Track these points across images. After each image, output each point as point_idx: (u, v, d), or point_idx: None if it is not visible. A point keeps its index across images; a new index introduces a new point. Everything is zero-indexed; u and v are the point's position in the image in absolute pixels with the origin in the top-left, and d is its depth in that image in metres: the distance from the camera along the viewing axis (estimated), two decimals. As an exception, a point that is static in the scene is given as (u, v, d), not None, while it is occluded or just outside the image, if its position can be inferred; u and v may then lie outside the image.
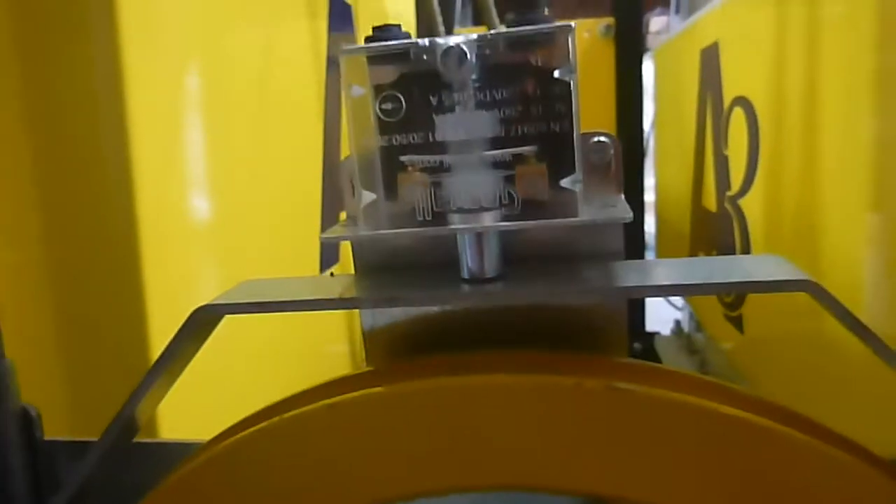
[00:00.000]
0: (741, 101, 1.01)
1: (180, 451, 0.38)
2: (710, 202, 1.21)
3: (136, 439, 0.37)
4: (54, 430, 0.45)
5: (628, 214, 0.29)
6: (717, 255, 1.20)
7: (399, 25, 0.30)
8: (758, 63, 0.96)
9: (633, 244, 2.03)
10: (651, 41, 2.36)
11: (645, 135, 1.95)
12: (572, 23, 0.27)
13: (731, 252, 1.09)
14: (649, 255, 2.17)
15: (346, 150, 1.15)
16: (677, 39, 1.51)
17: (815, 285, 0.28)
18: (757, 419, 0.28)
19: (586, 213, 0.29)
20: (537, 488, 0.30)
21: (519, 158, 0.29)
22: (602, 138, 0.32)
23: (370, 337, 0.35)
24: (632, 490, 0.29)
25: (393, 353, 0.35)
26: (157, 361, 0.33)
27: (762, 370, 1.01)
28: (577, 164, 0.29)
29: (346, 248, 1.17)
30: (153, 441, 0.48)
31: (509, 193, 0.30)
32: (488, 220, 0.29)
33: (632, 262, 0.33)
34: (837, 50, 0.72)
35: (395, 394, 0.30)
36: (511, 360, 0.31)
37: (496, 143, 0.29)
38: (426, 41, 0.28)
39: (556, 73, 0.28)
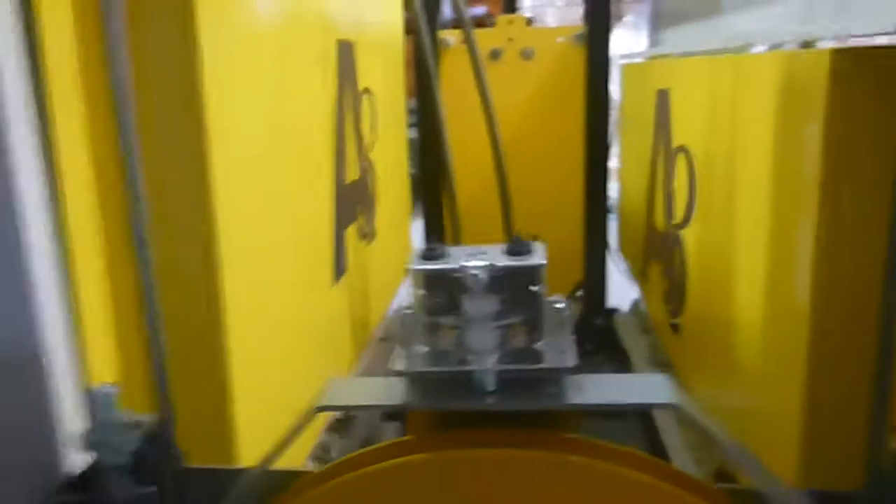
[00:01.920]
0: (683, 149, 1.22)
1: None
2: (660, 222, 1.43)
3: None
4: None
5: (573, 363, 0.50)
6: (664, 268, 1.43)
7: (438, 248, 0.50)
8: (696, 118, 1.16)
9: (597, 207, 2.24)
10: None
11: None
12: (544, 262, 0.48)
13: (676, 268, 1.32)
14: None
15: (351, 171, 1.35)
16: (639, 69, 1.70)
17: (681, 408, 0.49)
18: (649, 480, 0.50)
19: (548, 361, 0.50)
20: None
21: (511, 326, 0.50)
22: (558, 305, 0.53)
23: (412, 415, 0.56)
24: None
25: (428, 426, 0.56)
26: (280, 445, 0.54)
27: (689, 364, 1.25)
28: (541, 332, 0.50)
29: (351, 259, 1.38)
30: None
31: (503, 344, 0.51)
32: (490, 362, 0.50)
33: (576, 377, 0.53)
34: (751, 116, 0.91)
35: (432, 460, 0.52)
36: (508, 437, 0.52)
37: (498, 316, 0.50)
38: (460, 269, 0.49)
39: (533, 287, 0.49)
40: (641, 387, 0.51)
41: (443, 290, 0.49)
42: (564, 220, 2.34)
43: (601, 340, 2.34)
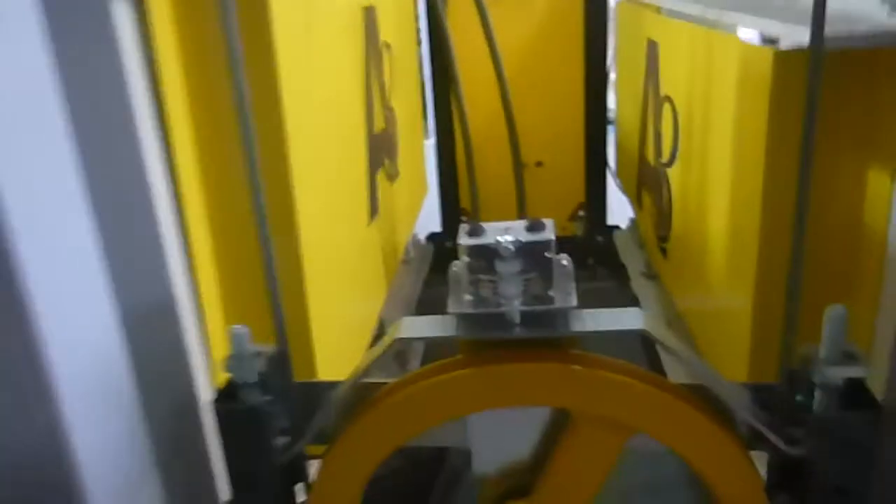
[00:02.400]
0: (669, 99, 1.40)
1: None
2: (650, 157, 1.62)
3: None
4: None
5: (575, 303, 0.72)
6: (655, 198, 1.63)
7: (477, 227, 0.71)
8: (679, 73, 1.34)
9: (597, 133, 2.43)
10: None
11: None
12: (553, 237, 0.69)
13: (664, 201, 1.52)
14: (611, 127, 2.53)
15: (378, 120, 1.54)
16: (632, 12, 1.85)
17: (648, 332, 0.71)
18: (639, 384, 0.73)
19: (557, 302, 0.72)
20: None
21: (530, 279, 0.72)
22: (564, 262, 0.74)
23: (462, 345, 0.79)
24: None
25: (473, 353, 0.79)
26: (368, 364, 0.76)
27: (673, 282, 1.47)
28: (551, 282, 0.71)
29: (381, 200, 1.59)
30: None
31: (525, 292, 0.72)
32: (516, 304, 0.72)
33: (578, 312, 0.75)
34: (719, 82, 1.10)
35: (480, 372, 0.75)
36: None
37: (521, 273, 0.72)
38: (495, 243, 0.70)
39: (546, 254, 0.70)
40: (622, 318, 0.74)
41: (482, 257, 0.71)
42: (567, 147, 2.53)
43: (602, 256, 2.57)
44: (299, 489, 0.90)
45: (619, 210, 2.55)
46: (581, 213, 2.63)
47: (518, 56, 2.39)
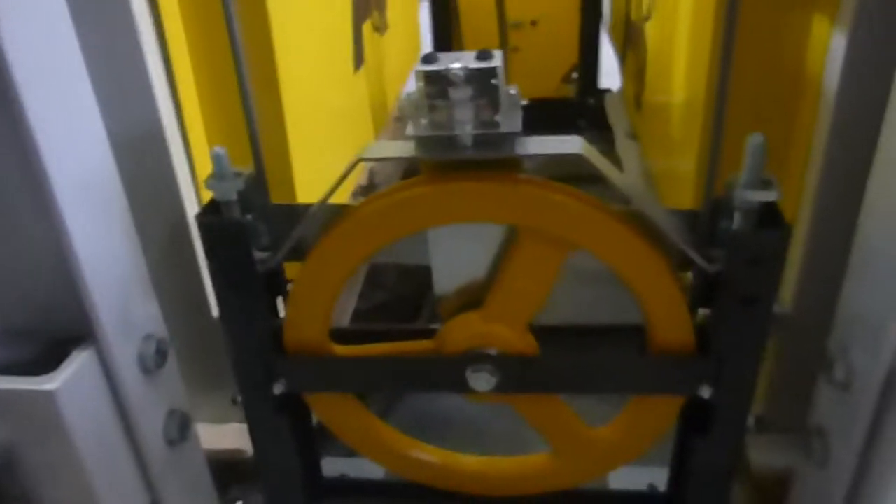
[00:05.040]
0: (651, -50, 1.42)
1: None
2: (634, 14, 1.65)
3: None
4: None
5: (519, 128, 0.79)
6: (635, 53, 1.67)
7: (434, 55, 0.78)
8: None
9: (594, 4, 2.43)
10: None
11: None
12: (500, 64, 0.76)
13: (640, 54, 1.56)
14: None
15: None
16: None
17: (584, 156, 0.79)
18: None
19: (503, 127, 0.80)
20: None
21: (480, 105, 0.79)
22: (512, 91, 0.81)
23: (423, 166, 0.87)
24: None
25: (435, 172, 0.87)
26: (330, 190, 0.85)
27: (645, 132, 1.54)
28: (498, 109, 0.78)
29: (367, 51, 1.63)
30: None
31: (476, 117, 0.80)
32: (468, 128, 0.80)
33: (523, 137, 0.82)
34: None
35: (438, 188, 0.83)
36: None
37: (472, 98, 0.78)
38: (447, 69, 0.76)
39: (493, 81, 0.77)
40: (563, 143, 0.81)
41: (436, 84, 0.78)
42: (562, 5, 2.51)
43: (593, 118, 2.61)
44: (280, 304, 1.01)
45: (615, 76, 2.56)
46: (574, 74, 2.65)
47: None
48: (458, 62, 0.77)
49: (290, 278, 0.97)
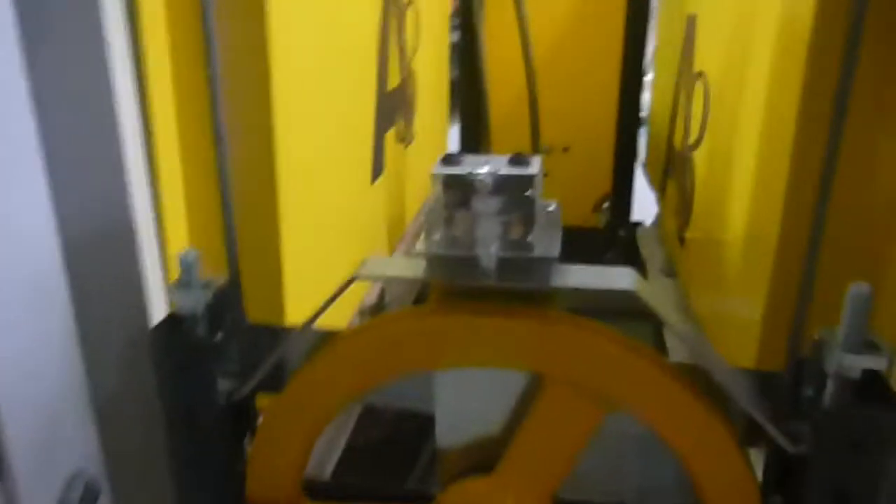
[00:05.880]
0: (701, 75, 1.30)
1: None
2: (679, 142, 1.52)
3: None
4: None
5: (556, 253, 0.63)
6: (678, 185, 1.53)
7: (457, 156, 0.63)
8: (716, 44, 1.24)
9: (630, 120, 2.32)
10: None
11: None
12: (537, 172, 0.60)
13: (687, 186, 1.42)
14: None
15: (392, 79, 1.46)
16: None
17: (637, 293, 0.62)
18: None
19: (538, 251, 0.63)
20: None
21: (510, 222, 0.63)
22: (551, 208, 0.65)
23: (432, 291, 0.70)
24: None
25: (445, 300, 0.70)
26: (319, 311, 0.68)
27: (689, 272, 1.37)
28: (533, 227, 0.63)
29: (389, 161, 1.51)
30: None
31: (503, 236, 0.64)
32: (493, 249, 0.64)
33: (561, 266, 0.66)
34: (757, 51, 1.00)
35: (443, 321, 0.66)
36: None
37: (500, 213, 0.63)
38: (470, 174, 0.61)
39: (527, 192, 0.61)
40: (611, 275, 0.65)
41: (457, 190, 0.62)
42: (596, 133, 2.42)
43: (623, 251, 2.46)
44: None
45: (647, 208, 2.44)
46: (605, 204, 2.53)
47: (553, 38, 2.30)
48: (486, 166, 0.62)
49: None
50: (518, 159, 0.62)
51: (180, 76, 0.85)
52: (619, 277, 0.64)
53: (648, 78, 2.28)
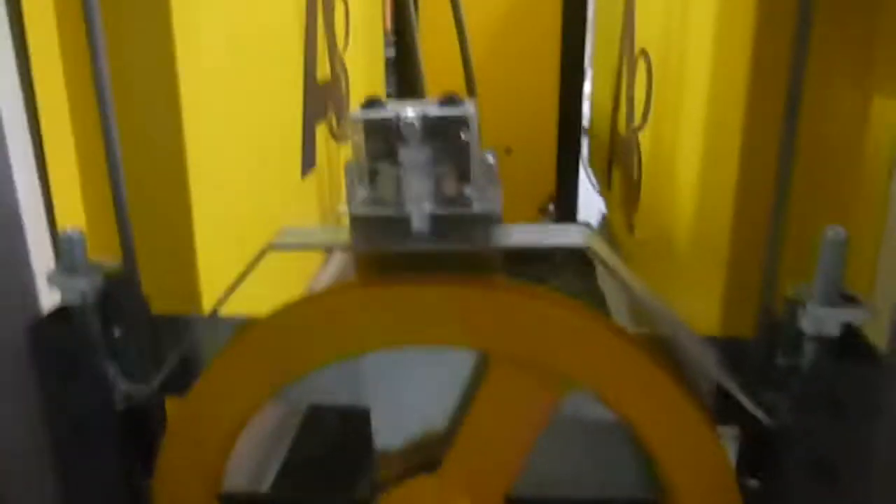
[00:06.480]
0: (643, 53, 1.25)
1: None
2: (623, 126, 1.47)
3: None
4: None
5: (499, 209, 0.55)
6: (624, 171, 1.48)
7: (379, 101, 0.54)
8: (658, 17, 1.19)
9: (571, 122, 2.28)
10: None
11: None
12: (473, 111, 0.52)
13: (633, 169, 1.37)
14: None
15: (322, 69, 1.38)
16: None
17: (592, 249, 0.55)
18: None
19: (476, 207, 0.55)
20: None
21: (444, 174, 0.55)
22: (489, 158, 0.57)
23: (360, 260, 0.61)
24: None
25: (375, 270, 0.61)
26: (234, 284, 0.59)
27: (639, 257, 1.32)
28: (470, 179, 0.54)
29: (320, 155, 1.41)
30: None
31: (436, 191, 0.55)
32: (425, 206, 0.55)
33: (503, 224, 0.58)
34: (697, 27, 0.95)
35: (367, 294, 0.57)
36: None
37: (431, 164, 0.55)
38: (396, 117, 0.53)
39: (463, 136, 0.53)
40: (562, 232, 0.57)
41: (381, 138, 0.54)
42: (538, 136, 2.37)
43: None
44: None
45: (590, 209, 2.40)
46: (550, 206, 2.48)
47: (490, 37, 2.24)
48: (413, 109, 0.53)
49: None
50: (450, 99, 0.54)
51: (66, 48, 0.76)
52: (570, 234, 0.56)
53: (590, 76, 2.25)
